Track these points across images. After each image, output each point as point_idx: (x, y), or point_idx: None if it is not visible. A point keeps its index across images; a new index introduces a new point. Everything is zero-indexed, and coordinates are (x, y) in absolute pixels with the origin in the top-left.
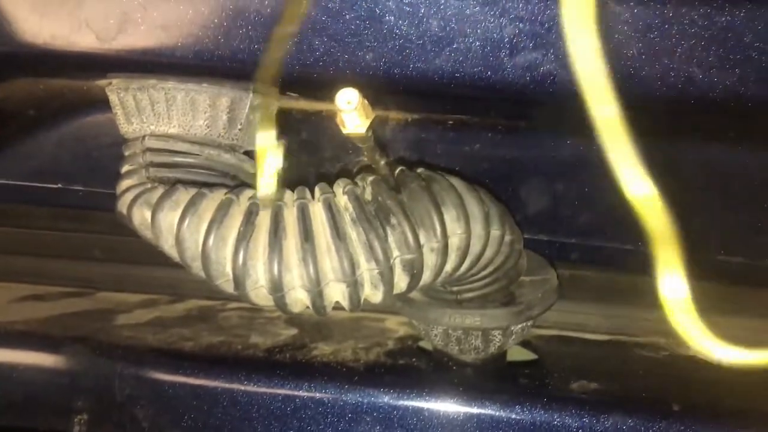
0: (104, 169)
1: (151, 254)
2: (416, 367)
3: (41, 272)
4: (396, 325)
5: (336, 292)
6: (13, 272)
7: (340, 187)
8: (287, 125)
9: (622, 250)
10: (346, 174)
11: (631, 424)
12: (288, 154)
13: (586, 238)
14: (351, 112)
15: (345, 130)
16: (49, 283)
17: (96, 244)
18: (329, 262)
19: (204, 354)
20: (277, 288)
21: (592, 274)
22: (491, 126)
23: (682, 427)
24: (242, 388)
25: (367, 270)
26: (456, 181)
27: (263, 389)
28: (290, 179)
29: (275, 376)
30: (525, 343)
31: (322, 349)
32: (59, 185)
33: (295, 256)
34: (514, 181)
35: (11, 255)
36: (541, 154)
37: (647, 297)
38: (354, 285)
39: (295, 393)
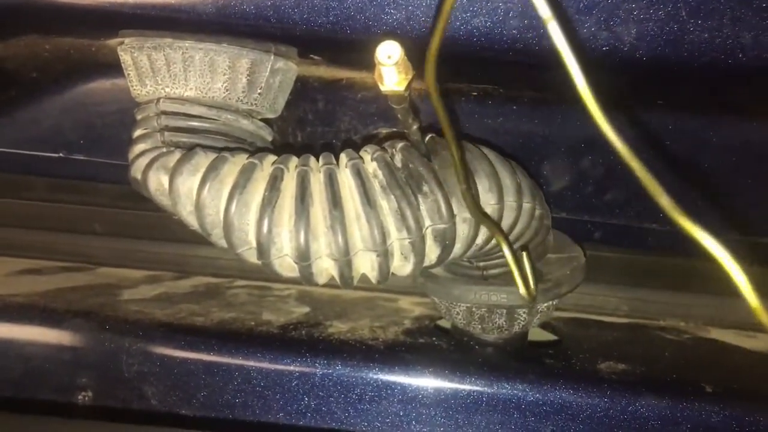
0: (108, 139)
1: (153, 229)
2: (437, 346)
3: (39, 246)
4: (410, 305)
5: (365, 263)
6: (10, 245)
7: (368, 153)
8: (304, 94)
9: (643, 229)
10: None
11: (664, 405)
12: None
13: (608, 217)
14: (391, 66)
15: (383, 87)
16: (47, 257)
17: (97, 218)
18: (358, 231)
19: (216, 330)
20: (303, 257)
21: (610, 254)
22: (516, 98)
23: (716, 409)
24: (257, 365)
25: (397, 240)
26: (488, 151)
27: (279, 366)
28: (306, 149)
29: (291, 353)
30: (544, 325)
31: (338, 327)
32: (60, 154)
33: (322, 224)
34: (537, 157)
35: (8, 228)
36: (565, 129)
37: (667, 278)
38: (384, 255)
39: (312, 370)
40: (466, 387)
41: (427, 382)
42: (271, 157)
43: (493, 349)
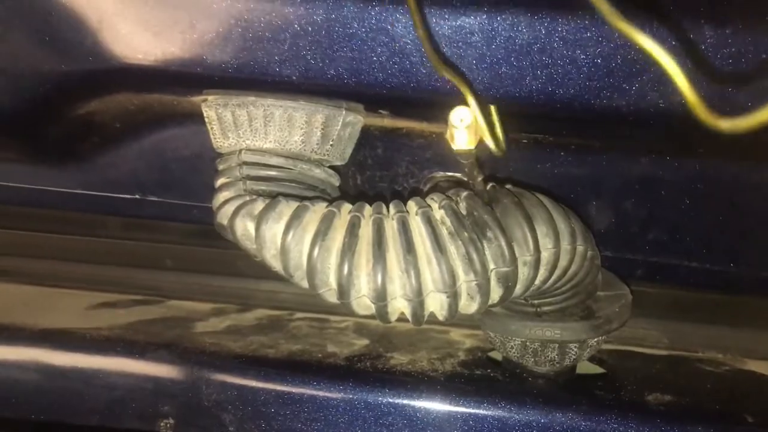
0: (179, 181)
1: (219, 264)
2: (492, 377)
3: (114, 280)
4: (461, 337)
5: (435, 302)
6: (88, 280)
7: (435, 202)
8: (365, 140)
9: (682, 267)
10: (416, 189)
11: None
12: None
13: (649, 255)
14: (462, 129)
15: (454, 147)
16: (121, 290)
17: (167, 254)
18: (430, 274)
19: (287, 361)
20: (380, 297)
21: (650, 289)
22: (564, 145)
23: None
24: (327, 395)
25: (465, 282)
26: (543, 198)
27: (348, 396)
28: (366, 193)
29: (359, 384)
30: (590, 357)
31: (399, 359)
32: (136, 196)
33: (397, 267)
34: (584, 199)
35: (86, 263)
36: (610, 172)
37: (704, 313)
38: (453, 296)
39: (379, 400)
40: (523, 417)
41: (485, 412)
42: (348, 206)
43: (545, 381)
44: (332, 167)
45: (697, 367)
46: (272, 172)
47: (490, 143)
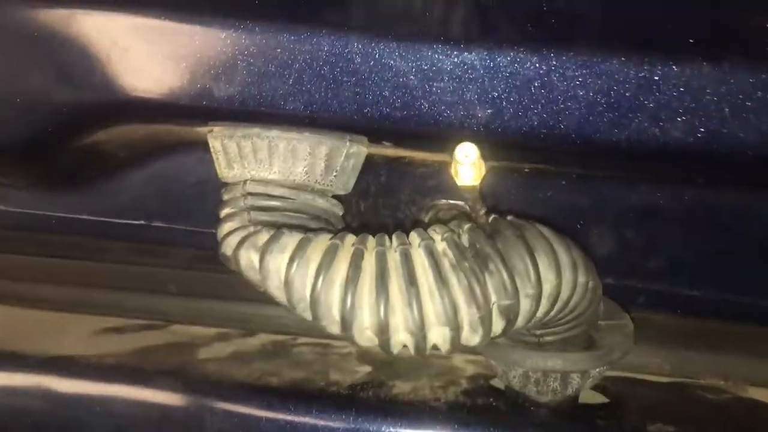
0: (184, 208)
1: (223, 289)
2: (495, 407)
3: (118, 305)
4: (463, 364)
5: (437, 336)
6: (93, 304)
7: (437, 234)
8: (369, 168)
9: (683, 296)
10: (418, 219)
11: None
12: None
13: (651, 283)
14: (468, 165)
15: (459, 182)
16: (125, 315)
17: (171, 279)
18: (432, 307)
19: (291, 390)
20: (383, 330)
21: (652, 316)
22: (564, 174)
23: None
24: (329, 424)
25: (467, 314)
26: (545, 229)
27: (350, 426)
28: (368, 221)
29: (362, 414)
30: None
31: (401, 387)
32: (141, 221)
33: (400, 300)
34: (585, 227)
35: (91, 287)
36: (611, 200)
37: (706, 340)
38: (456, 329)
39: (381, 430)
40: None
41: None
42: (351, 238)
43: (547, 411)
44: (336, 197)
45: (700, 395)
46: (276, 203)
47: None
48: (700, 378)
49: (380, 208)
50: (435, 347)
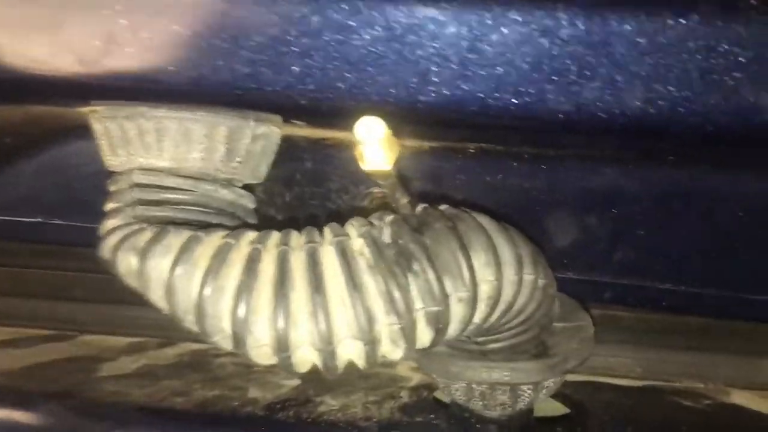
0: (86, 202)
1: (137, 293)
2: (435, 425)
3: (19, 314)
4: (408, 372)
5: (349, 351)
6: None
7: (354, 229)
8: (290, 153)
9: (656, 289)
10: (356, 207)
11: None
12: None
13: (618, 277)
14: (373, 145)
15: (365, 166)
16: (27, 325)
17: (78, 283)
18: (343, 317)
19: (197, 412)
20: (282, 347)
21: (621, 313)
22: (515, 154)
23: None
24: None
25: (386, 325)
26: (484, 220)
27: None
28: (294, 214)
29: None
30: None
31: (329, 404)
32: (38, 219)
33: (304, 310)
34: (541, 214)
35: None
36: (570, 184)
37: (682, 338)
38: (371, 343)
39: None
40: None
41: None
42: (250, 235)
43: (497, 428)
44: (246, 187)
45: (674, 402)
46: (168, 195)
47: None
48: (675, 381)
49: (308, 198)
50: (351, 364)
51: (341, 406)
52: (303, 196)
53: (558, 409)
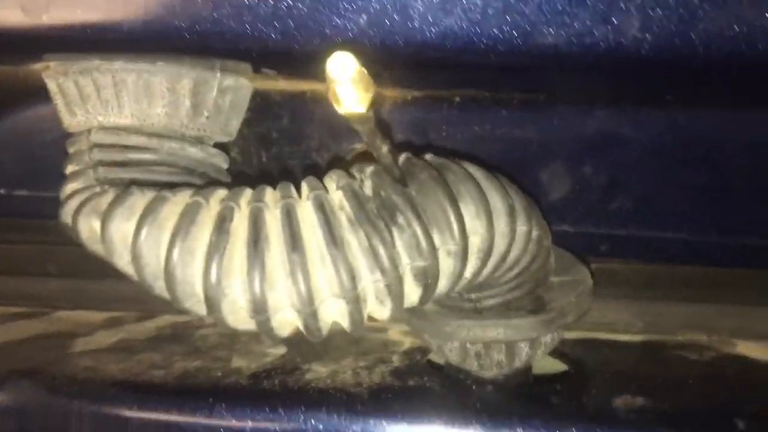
0: (51, 171)
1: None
2: (429, 388)
3: None
4: (400, 336)
5: (333, 311)
6: None
7: (333, 182)
8: (265, 109)
9: (654, 239)
10: (337, 165)
11: None
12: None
13: (615, 228)
14: (346, 83)
15: (340, 108)
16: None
17: (49, 258)
18: (324, 275)
19: (177, 384)
20: (259, 309)
21: (619, 266)
22: (504, 101)
23: None
24: (224, 423)
25: (371, 282)
26: (473, 169)
27: (249, 423)
28: (272, 174)
29: (262, 408)
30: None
31: (317, 371)
32: (1, 191)
33: (281, 270)
34: (533, 165)
35: None
36: (563, 131)
37: (682, 289)
38: (355, 301)
39: (288, 426)
40: None
41: (419, 431)
42: (220, 193)
43: (493, 388)
44: (221, 146)
45: (677, 356)
46: (131, 155)
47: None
48: (678, 334)
49: (286, 158)
50: (336, 326)
51: (330, 373)
52: (281, 156)
53: (557, 366)
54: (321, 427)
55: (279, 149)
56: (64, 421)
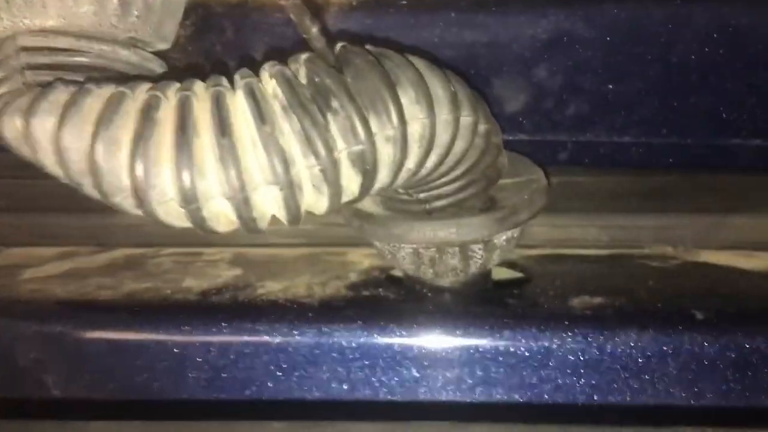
0: None
1: (67, 199)
2: (383, 297)
3: None
4: (360, 257)
5: (265, 199)
6: None
7: (266, 72)
8: (208, 20)
9: (616, 144)
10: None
11: (649, 337)
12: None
13: (574, 134)
14: None
15: None
16: None
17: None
18: (256, 161)
19: (124, 303)
20: (189, 199)
21: (582, 178)
22: (454, 3)
23: (710, 336)
24: (171, 338)
25: (305, 167)
26: (415, 59)
27: (196, 337)
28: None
29: (210, 321)
30: (512, 265)
31: (270, 287)
32: None
33: (210, 157)
34: (486, 70)
35: None
36: (515, 32)
37: (649, 199)
38: (289, 187)
39: (237, 338)
40: (417, 342)
41: (372, 339)
42: (147, 85)
43: (451, 296)
44: (162, 56)
45: (641, 264)
46: (60, 58)
47: None
48: (644, 247)
49: (232, 72)
50: (272, 217)
51: (282, 288)
52: (225, 69)
53: (515, 274)
54: (270, 338)
55: (223, 62)
56: (8, 344)
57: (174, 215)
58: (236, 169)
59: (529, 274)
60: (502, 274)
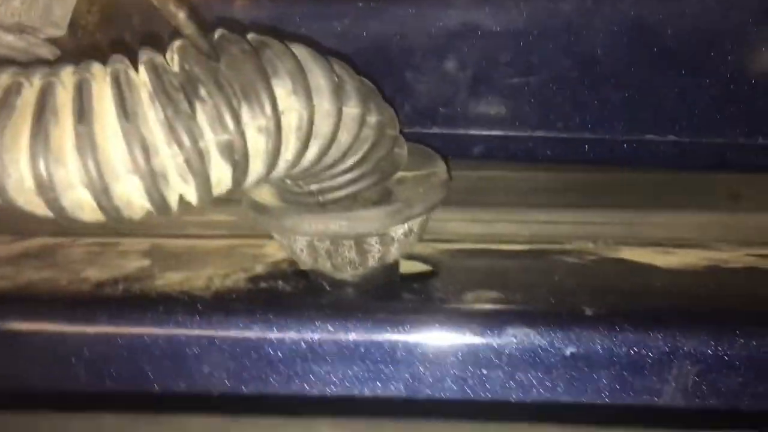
0: None
1: None
2: (280, 290)
3: None
4: (276, 250)
5: (128, 189)
6: None
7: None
8: (115, 11)
9: (533, 138)
10: None
11: (533, 332)
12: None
13: (489, 128)
14: None
15: None
16: None
17: None
18: (116, 150)
19: (15, 293)
20: (45, 188)
21: (503, 172)
22: None
23: (594, 333)
24: (60, 328)
25: (169, 157)
26: (299, 49)
27: (85, 328)
28: None
29: (99, 312)
30: (425, 260)
31: (168, 279)
32: None
33: (68, 145)
34: (396, 62)
35: None
36: (427, 23)
37: (572, 195)
38: (151, 177)
39: (124, 330)
40: (305, 336)
41: (258, 333)
42: (12, 71)
43: (350, 290)
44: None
45: (557, 260)
46: None
47: None
48: (565, 243)
49: None
50: (141, 207)
51: (181, 280)
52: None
53: (422, 267)
54: (158, 330)
55: (132, 53)
56: None
57: (34, 204)
58: (94, 158)
59: (438, 269)
60: (410, 267)
